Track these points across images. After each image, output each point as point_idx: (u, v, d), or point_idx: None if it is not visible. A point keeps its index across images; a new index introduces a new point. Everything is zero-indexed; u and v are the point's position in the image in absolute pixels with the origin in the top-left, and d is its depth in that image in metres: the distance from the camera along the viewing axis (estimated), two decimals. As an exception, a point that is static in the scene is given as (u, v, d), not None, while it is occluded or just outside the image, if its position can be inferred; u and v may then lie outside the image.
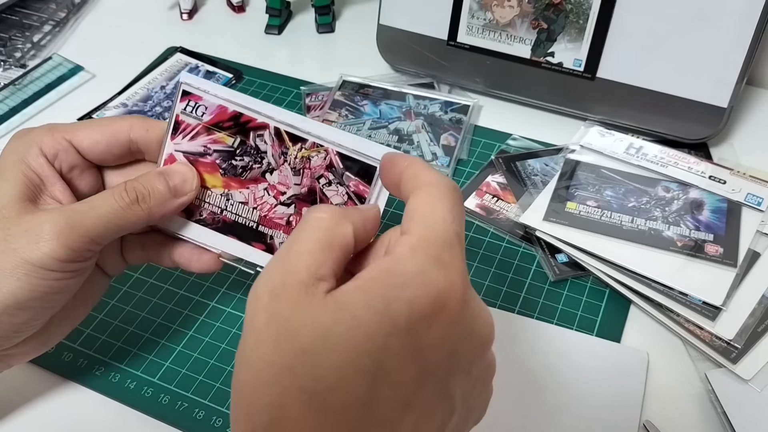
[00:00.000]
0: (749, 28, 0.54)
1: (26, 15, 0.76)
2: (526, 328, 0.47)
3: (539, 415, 0.43)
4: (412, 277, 0.25)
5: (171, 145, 0.38)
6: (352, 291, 0.26)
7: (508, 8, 0.61)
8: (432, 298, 0.25)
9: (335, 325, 0.25)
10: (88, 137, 0.37)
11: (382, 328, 0.25)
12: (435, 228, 0.27)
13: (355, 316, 0.25)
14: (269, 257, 0.37)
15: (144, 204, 0.36)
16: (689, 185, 0.54)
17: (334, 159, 0.36)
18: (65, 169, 0.37)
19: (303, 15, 0.78)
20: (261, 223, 0.38)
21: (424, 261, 0.26)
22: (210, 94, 0.37)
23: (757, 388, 0.43)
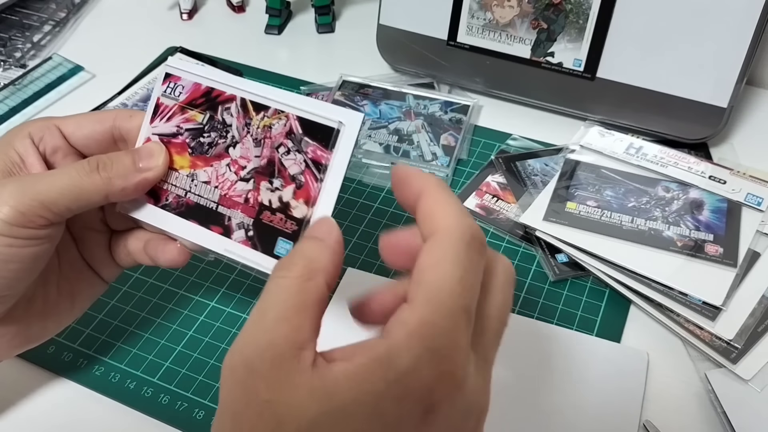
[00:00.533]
0: (749, 28, 0.54)
1: (26, 15, 0.76)
2: (526, 328, 0.47)
3: (539, 415, 0.42)
4: (404, 374, 0.24)
5: (149, 128, 0.38)
6: (342, 379, 0.24)
7: (508, 8, 0.61)
8: (422, 397, 0.24)
9: (321, 416, 0.23)
10: (74, 122, 0.38)
11: (370, 425, 0.24)
12: (440, 308, 0.25)
13: (343, 409, 0.23)
14: (226, 242, 0.36)
15: (104, 173, 0.35)
16: (689, 185, 0.54)
17: (294, 124, 0.35)
18: (48, 152, 0.37)
19: (303, 15, 0.78)
20: (220, 203, 0.36)
21: (419, 355, 0.24)
22: (188, 73, 0.37)
23: (757, 388, 0.43)
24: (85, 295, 0.41)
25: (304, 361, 0.24)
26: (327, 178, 0.33)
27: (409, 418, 0.24)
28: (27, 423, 0.43)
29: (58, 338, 0.47)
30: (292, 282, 0.26)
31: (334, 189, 0.33)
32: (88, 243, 0.40)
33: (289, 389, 0.24)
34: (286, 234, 0.34)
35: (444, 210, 0.27)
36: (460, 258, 0.26)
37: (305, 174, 0.34)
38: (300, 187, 0.34)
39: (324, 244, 0.29)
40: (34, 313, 0.38)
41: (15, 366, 0.45)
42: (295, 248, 0.29)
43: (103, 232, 0.40)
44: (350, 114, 0.33)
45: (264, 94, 0.35)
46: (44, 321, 0.39)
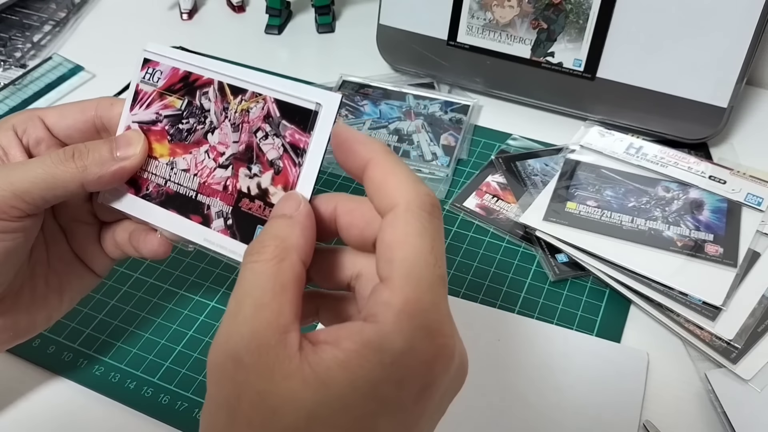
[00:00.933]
0: (749, 28, 0.54)
1: (26, 15, 0.76)
2: (526, 328, 0.47)
3: (539, 415, 0.42)
4: (400, 355, 0.24)
5: (129, 116, 0.37)
6: (334, 366, 0.24)
7: (508, 8, 0.61)
8: (422, 375, 0.24)
9: (319, 406, 0.23)
10: (57, 113, 0.37)
11: (369, 410, 0.23)
12: (420, 283, 0.25)
13: (340, 396, 0.23)
14: (206, 231, 0.35)
15: (79, 161, 0.34)
16: (689, 185, 0.54)
17: (272, 107, 0.34)
18: (32, 144, 0.37)
19: (303, 15, 0.78)
20: (199, 191, 0.35)
21: (411, 334, 0.24)
22: (166, 57, 0.36)
23: (757, 388, 0.43)
24: (75, 288, 0.40)
25: (290, 346, 0.24)
26: (305, 162, 0.32)
27: (409, 396, 0.24)
28: (27, 422, 0.43)
29: (58, 338, 0.47)
30: (266, 265, 0.26)
31: (312, 173, 0.32)
32: (77, 235, 0.40)
33: (280, 379, 0.23)
34: (265, 222, 0.33)
35: (398, 180, 0.27)
36: (425, 228, 0.26)
37: (283, 159, 0.33)
38: (278, 173, 0.33)
39: (293, 221, 0.28)
40: (22, 306, 0.37)
41: (15, 365, 0.45)
42: (264, 229, 0.28)
43: (93, 224, 0.40)
44: (328, 95, 0.32)
45: (241, 77, 0.34)
46: (32, 315, 0.38)
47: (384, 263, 0.26)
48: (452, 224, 0.55)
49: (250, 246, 0.27)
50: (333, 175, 0.59)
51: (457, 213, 0.55)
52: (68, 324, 0.47)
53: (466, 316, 0.48)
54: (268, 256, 0.26)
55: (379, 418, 0.24)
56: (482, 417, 0.42)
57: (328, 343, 0.24)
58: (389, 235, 0.26)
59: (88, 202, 0.39)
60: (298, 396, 0.23)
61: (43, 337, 0.47)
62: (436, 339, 0.25)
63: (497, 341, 0.46)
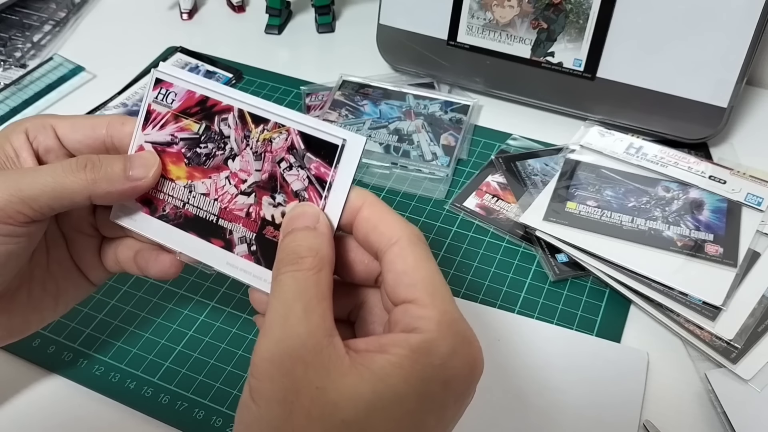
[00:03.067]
0: (749, 28, 0.54)
1: (26, 15, 0.76)
2: (526, 328, 0.47)
3: (539, 415, 0.43)
4: (448, 358, 0.27)
5: (141, 135, 0.37)
6: (387, 366, 0.26)
7: (508, 8, 0.61)
8: (464, 376, 0.27)
9: (377, 398, 0.26)
10: (69, 124, 0.37)
11: (421, 406, 0.26)
12: (444, 298, 0.29)
13: (396, 391, 0.26)
14: (228, 256, 0.35)
15: (90, 173, 0.34)
16: (689, 185, 0.54)
17: (296, 139, 0.34)
18: (42, 151, 0.37)
19: (303, 15, 0.78)
20: (221, 216, 0.36)
21: (453, 340, 0.27)
22: (180, 79, 0.36)
23: (757, 388, 0.43)
24: (71, 295, 0.40)
25: (339, 348, 0.27)
26: (330, 195, 0.33)
27: (452, 396, 0.27)
28: (27, 422, 0.43)
29: (58, 338, 0.47)
30: (307, 275, 0.28)
31: (337, 207, 0.33)
32: (77, 245, 0.39)
33: (338, 376, 0.26)
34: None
35: (394, 219, 0.31)
36: (428, 254, 0.30)
37: (308, 190, 0.34)
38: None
39: (319, 232, 0.31)
40: (18, 307, 0.37)
41: (15, 365, 0.45)
42: (296, 241, 0.30)
43: (94, 236, 0.40)
44: (353, 135, 0.33)
45: (263, 107, 0.35)
46: (27, 316, 0.38)
47: (405, 288, 0.29)
48: (452, 224, 0.55)
49: (284, 256, 0.29)
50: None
51: (457, 213, 0.55)
52: (68, 324, 0.47)
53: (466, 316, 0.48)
54: (308, 266, 0.29)
55: (427, 414, 0.26)
56: (482, 417, 0.42)
57: (374, 351, 0.27)
58: (402, 264, 0.29)
59: (91, 215, 0.39)
60: (357, 390, 0.26)
61: (43, 337, 0.47)
62: (474, 344, 0.28)
63: (497, 341, 0.46)
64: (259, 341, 0.28)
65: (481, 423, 0.42)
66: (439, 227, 0.54)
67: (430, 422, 0.27)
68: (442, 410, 0.27)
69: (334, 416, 0.25)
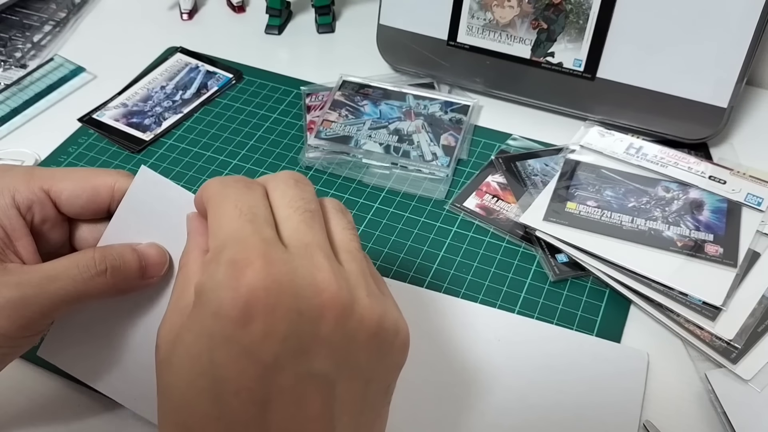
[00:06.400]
0: (749, 28, 0.54)
1: (26, 15, 0.76)
2: (526, 328, 0.47)
3: (539, 415, 0.43)
4: (210, 289, 0.25)
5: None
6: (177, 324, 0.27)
7: (508, 8, 0.61)
8: (231, 302, 0.25)
9: (173, 355, 0.27)
10: (69, 190, 0.35)
11: (202, 347, 0.25)
12: (221, 233, 0.27)
13: (184, 343, 0.26)
14: None
15: (111, 278, 0.33)
16: (689, 185, 0.54)
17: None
18: (36, 222, 0.35)
19: (303, 15, 0.78)
20: None
21: (216, 270, 0.25)
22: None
23: (757, 388, 0.43)
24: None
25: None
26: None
27: (233, 325, 0.26)
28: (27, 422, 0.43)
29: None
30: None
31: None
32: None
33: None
34: None
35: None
36: (227, 186, 0.30)
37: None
38: None
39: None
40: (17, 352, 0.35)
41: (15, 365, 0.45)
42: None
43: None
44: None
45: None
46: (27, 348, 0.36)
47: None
48: (452, 224, 0.55)
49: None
50: (333, 176, 0.59)
51: (457, 213, 0.55)
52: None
53: (466, 316, 0.48)
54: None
55: (213, 352, 0.26)
56: (482, 417, 0.42)
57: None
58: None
59: (68, 238, 0.37)
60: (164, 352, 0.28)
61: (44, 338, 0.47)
62: (240, 271, 0.27)
63: (497, 341, 0.46)
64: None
65: (481, 423, 0.42)
66: (439, 227, 0.54)
67: (219, 358, 0.26)
68: (228, 342, 0.26)
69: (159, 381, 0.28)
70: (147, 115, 0.65)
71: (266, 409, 0.26)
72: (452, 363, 0.45)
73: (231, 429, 0.26)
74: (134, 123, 0.64)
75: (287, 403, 0.26)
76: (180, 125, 0.64)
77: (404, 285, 0.50)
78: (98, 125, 0.63)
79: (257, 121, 0.64)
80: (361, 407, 0.28)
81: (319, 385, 0.26)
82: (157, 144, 0.62)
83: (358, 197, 0.57)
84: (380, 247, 0.53)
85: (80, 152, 0.61)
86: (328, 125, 0.61)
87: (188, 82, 0.68)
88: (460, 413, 0.43)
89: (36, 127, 0.64)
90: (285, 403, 0.26)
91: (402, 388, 0.44)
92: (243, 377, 0.25)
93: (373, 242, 0.53)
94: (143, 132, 0.63)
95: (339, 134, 0.60)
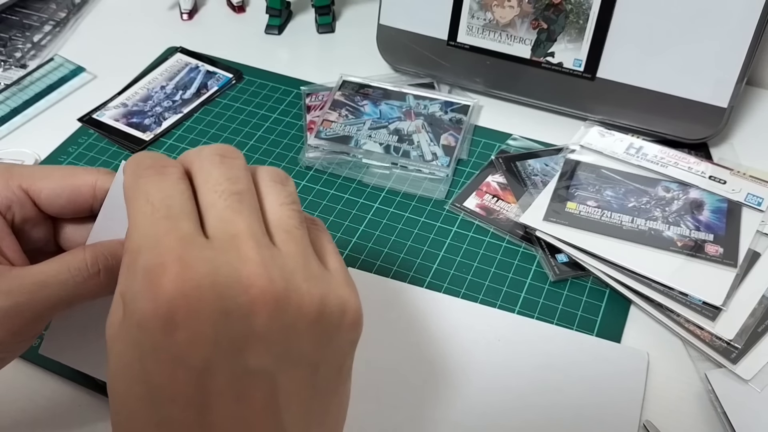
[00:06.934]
0: (749, 28, 0.54)
1: (26, 15, 0.76)
2: (526, 328, 0.47)
3: (539, 415, 0.43)
4: (131, 300, 0.24)
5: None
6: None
7: (508, 8, 0.61)
8: (151, 313, 0.24)
9: (111, 362, 0.26)
10: (48, 189, 0.33)
11: (132, 356, 0.25)
12: (136, 234, 0.25)
13: (117, 353, 0.25)
14: None
15: (105, 278, 0.32)
16: (689, 185, 0.54)
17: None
18: (17, 222, 0.34)
19: (303, 15, 0.78)
20: None
21: (134, 279, 0.24)
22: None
23: (757, 388, 0.43)
24: None
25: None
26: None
27: (155, 331, 0.25)
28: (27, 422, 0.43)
29: (58, 338, 0.47)
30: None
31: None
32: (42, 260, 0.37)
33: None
34: None
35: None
36: (137, 179, 0.28)
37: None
38: None
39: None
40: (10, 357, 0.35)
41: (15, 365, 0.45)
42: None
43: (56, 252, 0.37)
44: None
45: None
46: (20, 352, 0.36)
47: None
48: (452, 224, 0.55)
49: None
50: (333, 175, 0.59)
51: (457, 213, 0.55)
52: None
53: (466, 316, 0.48)
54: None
55: (142, 361, 0.25)
56: (483, 417, 0.42)
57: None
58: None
59: (53, 236, 0.37)
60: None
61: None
62: (148, 275, 0.26)
63: (497, 341, 0.46)
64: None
65: (481, 423, 0.42)
66: (439, 227, 0.54)
67: (149, 365, 0.25)
68: (156, 350, 0.25)
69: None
70: (147, 115, 0.65)
71: (206, 412, 0.25)
72: (452, 363, 0.45)
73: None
74: (134, 123, 0.64)
75: (227, 402, 0.25)
76: (180, 125, 0.64)
77: (404, 285, 0.50)
78: (98, 125, 0.64)
79: (257, 121, 0.64)
80: (311, 393, 0.27)
81: (259, 380, 0.25)
82: (157, 144, 0.62)
83: (358, 197, 0.57)
84: (380, 247, 0.53)
85: (80, 152, 0.61)
86: (328, 125, 0.61)
87: (188, 82, 0.68)
88: (460, 413, 0.43)
89: (36, 127, 0.65)
90: (224, 403, 0.25)
91: (402, 388, 0.44)
92: (176, 384, 0.24)
93: (373, 242, 0.53)
94: (143, 132, 0.63)
95: (339, 134, 0.60)
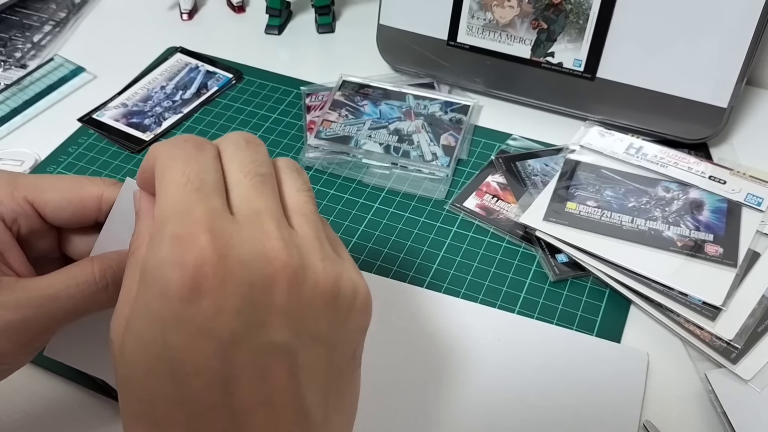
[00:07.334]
0: (749, 28, 0.54)
1: (26, 15, 0.76)
2: (526, 328, 0.47)
3: (539, 415, 0.43)
4: (155, 267, 0.24)
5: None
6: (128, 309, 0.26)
7: (508, 8, 0.61)
8: (178, 280, 0.24)
9: (125, 346, 0.25)
10: (54, 202, 0.34)
11: (155, 333, 0.24)
12: (165, 205, 0.25)
13: (134, 331, 0.25)
14: None
15: (113, 291, 0.32)
16: (689, 185, 0.54)
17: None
18: (23, 233, 0.34)
19: (303, 15, 0.78)
20: None
21: (160, 246, 0.24)
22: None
23: (757, 388, 0.43)
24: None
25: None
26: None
27: (180, 304, 0.25)
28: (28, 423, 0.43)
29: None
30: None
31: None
32: (47, 269, 0.37)
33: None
34: None
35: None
36: (174, 158, 0.28)
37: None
38: None
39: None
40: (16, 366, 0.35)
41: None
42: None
43: (60, 259, 0.37)
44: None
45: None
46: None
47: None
48: (452, 224, 0.55)
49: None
50: (333, 175, 0.59)
51: (457, 213, 0.55)
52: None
53: (466, 316, 0.48)
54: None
55: (166, 335, 0.25)
56: (483, 417, 0.42)
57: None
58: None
59: (57, 243, 0.37)
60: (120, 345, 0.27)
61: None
62: (184, 243, 0.25)
63: (497, 341, 0.46)
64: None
65: (481, 423, 0.42)
66: (439, 227, 0.54)
67: (173, 341, 0.25)
68: (180, 323, 0.25)
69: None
70: (147, 115, 0.65)
71: (230, 387, 0.25)
72: (452, 363, 0.45)
73: (196, 412, 0.25)
74: (134, 123, 0.64)
75: (251, 377, 0.25)
76: (180, 125, 0.64)
77: (404, 285, 0.50)
78: (98, 125, 0.64)
79: (257, 121, 0.64)
80: (329, 373, 0.27)
81: (281, 355, 0.25)
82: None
83: (358, 197, 0.57)
84: (380, 247, 0.53)
85: (80, 152, 0.61)
86: (328, 125, 0.61)
87: (188, 82, 0.68)
88: (461, 413, 0.43)
89: (36, 127, 0.65)
90: (248, 378, 0.25)
91: (402, 388, 0.44)
92: (201, 356, 0.24)
93: (373, 242, 0.53)
94: (143, 132, 0.63)
95: (339, 134, 0.60)
